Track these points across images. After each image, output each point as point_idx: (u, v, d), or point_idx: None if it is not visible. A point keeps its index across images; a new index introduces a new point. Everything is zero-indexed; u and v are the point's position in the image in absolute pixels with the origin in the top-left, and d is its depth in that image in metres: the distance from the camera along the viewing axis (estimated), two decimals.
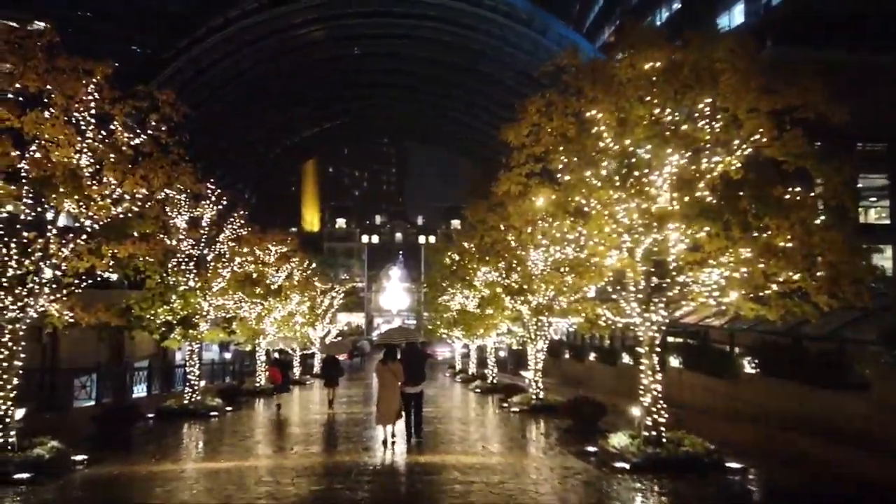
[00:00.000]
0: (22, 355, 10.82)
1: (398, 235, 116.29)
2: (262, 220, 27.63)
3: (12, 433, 10.53)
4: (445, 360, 60.61)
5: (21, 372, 20.96)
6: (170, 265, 19.04)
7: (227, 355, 50.23)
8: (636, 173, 9.93)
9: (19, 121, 10.15)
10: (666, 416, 11.43)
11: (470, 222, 20.02)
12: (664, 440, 11.15)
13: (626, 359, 28.78)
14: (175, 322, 18.99)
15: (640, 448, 10.94)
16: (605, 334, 23.65)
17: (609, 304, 12.32)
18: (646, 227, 10.17)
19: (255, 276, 25.18)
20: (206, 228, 20.52)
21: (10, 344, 10.62)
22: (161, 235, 19.25)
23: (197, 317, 19.74)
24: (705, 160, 9.84)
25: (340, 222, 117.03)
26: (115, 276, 28.35)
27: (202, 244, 20.35)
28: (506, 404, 21.79)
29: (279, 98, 76.19)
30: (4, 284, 10.58)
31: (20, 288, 10.68)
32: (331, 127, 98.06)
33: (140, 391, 24.59)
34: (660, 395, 11.47)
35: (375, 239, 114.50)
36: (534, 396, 20.81)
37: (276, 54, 69.14)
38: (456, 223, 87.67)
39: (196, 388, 20.24)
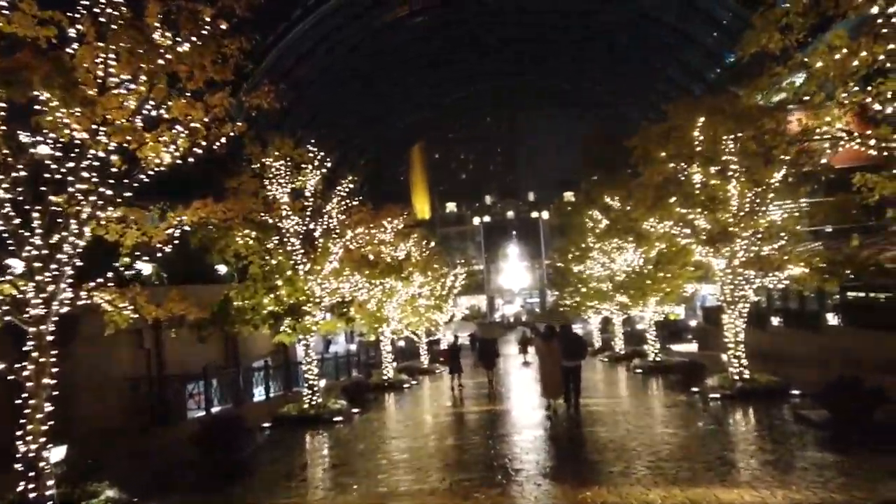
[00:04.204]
0: (55, 370, 7.45)
1: (510, 213, 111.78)
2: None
3: (49, 483, 7.20)
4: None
5: (129, 382, 19.15)
6: (270, 245, 15.81)
7: (353, 347, 48.14)
8: None
9: None
10: None
11: (638, 156, 15.23)
12: None
13: (833, 321, 22.92)
14: (283, 312, 15.70)
15: None
16: (832, 289, 18.03)
17: None
18: None
19: (371, 256, 21.79)
20: (311, 199, 17.16)
21: (35, 355, 7.27)
22: (263, 216, 16.28)
23: (309, 304, 16.40)
24: None
25: (451, 206, 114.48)
26: (223, 269, 26.19)
27: (307, 217, 17.00)
28: (695, 389, 16.91)
29: (379, 85, 73.36)
30: (23, 269, 7.25)
31: (44, 273, 7.31)
32: (434, 111, 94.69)
33: (260, 394, 22.07)
34: None
35: (488, 219, 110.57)
36: (736, 377, 15.85)
37: (368, 37, 65.99)
38: (569, 195, 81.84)
39: (316, 388, 16.95)
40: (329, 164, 17.16)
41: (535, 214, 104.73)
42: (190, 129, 7.68)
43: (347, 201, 18.23)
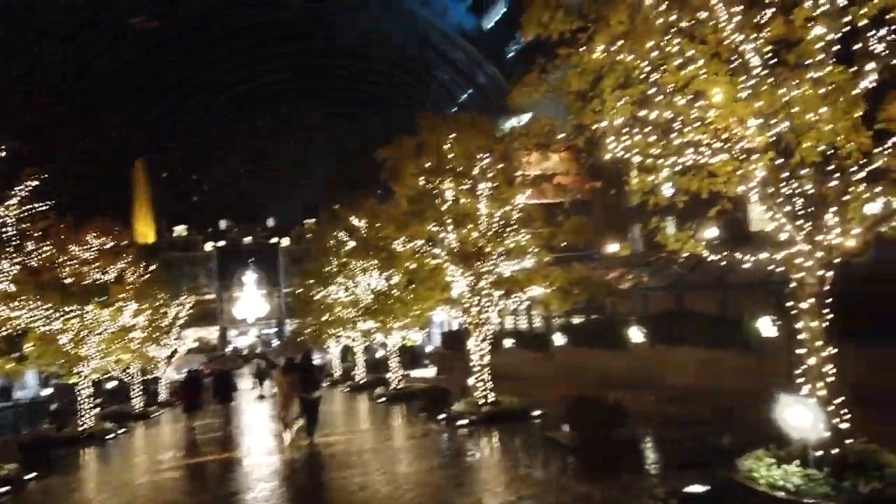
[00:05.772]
0: None
1: (248, 239, 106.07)
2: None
3: None
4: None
5: None
6: None
7: (48, 391, 40.07)
8: None
9: None
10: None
11: (390, 169, 14.25)
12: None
13: (560, 342, 24.47)
14: None
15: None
16: (565, 309, 18.77)
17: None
18: None
19: (68, 279, 17.64)
20: None
21: None
22: None
23: None
24: None
25: (179, 230, 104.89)
26: None
27: None
28: (442, 416, 16.22)
29: (97, 95, 64.50)
30: None
31: None
32: (160, 128, 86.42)
33: None
34: None
35: (222, 245, 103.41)
36: (482, 401, 15.46)
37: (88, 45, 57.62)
38: (312, 222, 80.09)
39: None
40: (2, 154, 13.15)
41: (275, 240, 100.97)
42: None
43: (30, 206, 14.22)
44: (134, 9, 59.54)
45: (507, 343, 28.61)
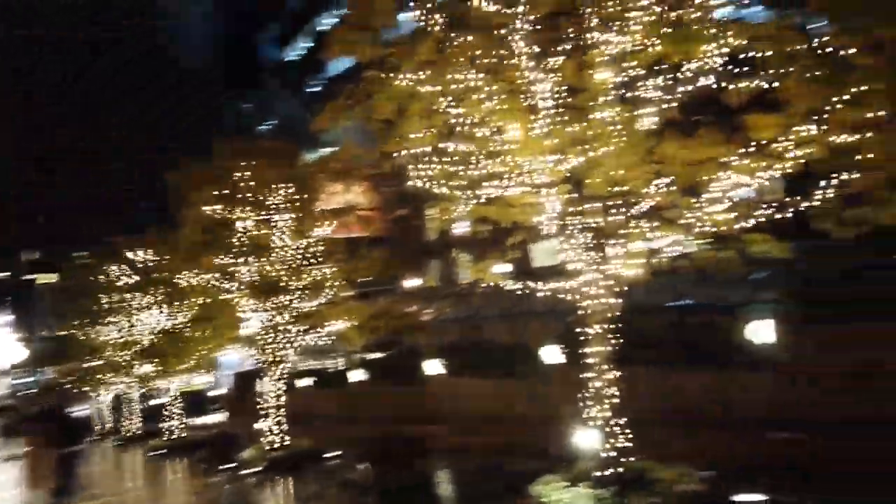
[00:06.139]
0: None
1: (1, 275, 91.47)
2: None
3: None
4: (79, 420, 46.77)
5: None
6: None
7: None
8: None
9: None
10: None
11: (181, 195, 13.07)
12: None
13: (358, 378, 23.93)
14: None
15: None
16: (364, 343, 18.42)
17: None
18: None
19: None
20: None
21: None
22: None
23: None
24: None
25: None
26: None
27: None
28: (227, 467, 14.85)
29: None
30: None
31: None
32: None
33: None
34: None
35: None
36: (276, 445, 14.46)
37: None
38: (82, 254, 71.19)
39: None
40: None
41: (32, 277, 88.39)
42: None
43: None
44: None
45: (304, 382, 27.53)
